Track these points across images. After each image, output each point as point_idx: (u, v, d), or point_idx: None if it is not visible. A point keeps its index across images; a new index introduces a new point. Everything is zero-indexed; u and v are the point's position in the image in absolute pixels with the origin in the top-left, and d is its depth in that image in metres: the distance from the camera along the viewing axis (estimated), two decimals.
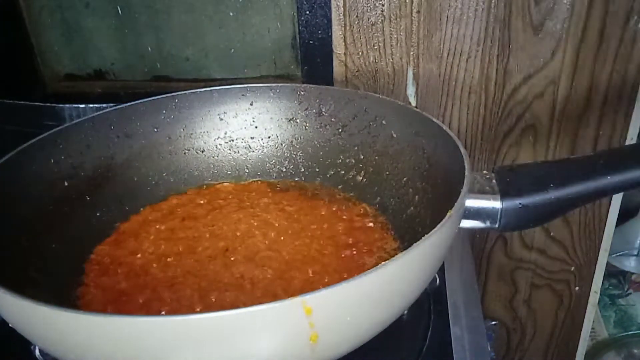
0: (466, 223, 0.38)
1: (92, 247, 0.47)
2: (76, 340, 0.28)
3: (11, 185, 0.42)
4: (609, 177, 0.35)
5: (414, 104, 0.70)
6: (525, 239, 0.78)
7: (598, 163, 0.37)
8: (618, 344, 0.94)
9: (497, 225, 0.38)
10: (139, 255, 0.45)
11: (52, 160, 0.46)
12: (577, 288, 0.81)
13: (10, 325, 0.31)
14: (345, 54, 0.68)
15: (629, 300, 1.00)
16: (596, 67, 0.65)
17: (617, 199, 0.73)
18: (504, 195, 0.37)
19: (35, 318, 0.28)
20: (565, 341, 0.86)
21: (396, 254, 0.46)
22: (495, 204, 0.37)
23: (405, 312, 0.42)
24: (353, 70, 0.69)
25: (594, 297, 0.81)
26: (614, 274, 1.00)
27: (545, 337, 0.87)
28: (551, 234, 0.77)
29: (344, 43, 0.67)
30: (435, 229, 0.31)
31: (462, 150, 0.40)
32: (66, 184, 0.47)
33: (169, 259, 0.44)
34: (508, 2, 0.63)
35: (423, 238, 0.31)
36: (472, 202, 0.37)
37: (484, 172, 0.41)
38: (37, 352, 0.41)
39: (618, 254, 0.95)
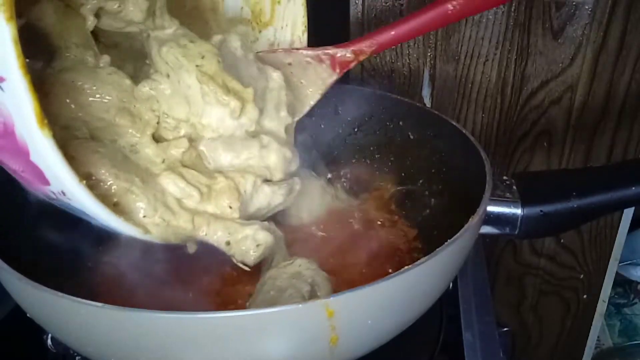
0: (485, 229, 0.38)
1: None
2: (97, 332, 0.28)
3: None
4: (633, 188, 0.35)
5: (429, 105, 0.69)
6: (535, 245, 0.78)
7: (622, 173, 0.36)
8: (622, 353, 0.94)
9: (516, 232, 0.38)
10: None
11: None
12: (585, 296, 0.81)
13: (28, 315, 0.31)
14: None
15: (634, 310, 1.00)
16: (615, 75, 0.65)
17: (629, 208, 0.73)
18: (525, 201, 0.37)
19: (56, 309, 0.27)
20: (570, 349, 0.86)
21: (411, 256, 0.46)
22: (515, 210, 0.37)
23: None
24: (369, 69, 0.69)
25: (601, 306, 0.80)
26: (620, 283, 0.99)
27: (550, 344, 0.86)
28: (561, 241, 0.76)
29: None
30: (458, 234, 0.31)
31: (484, 155, 0.39)
32: None
33: (184, 252, 0.44)
34: (529, 6, 0.62)
35: (446, 243, 0.30)
36: (492, 208, 0.37)
37: (504, 177, 0.40)
38: (49, 342, 0.41)
39: (625, 262, 0.94)
